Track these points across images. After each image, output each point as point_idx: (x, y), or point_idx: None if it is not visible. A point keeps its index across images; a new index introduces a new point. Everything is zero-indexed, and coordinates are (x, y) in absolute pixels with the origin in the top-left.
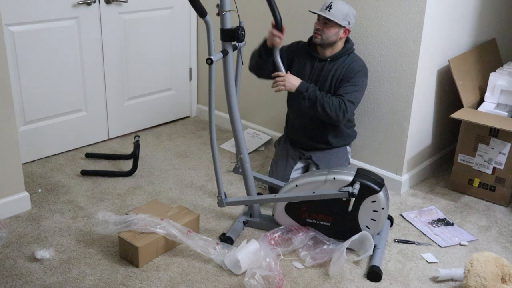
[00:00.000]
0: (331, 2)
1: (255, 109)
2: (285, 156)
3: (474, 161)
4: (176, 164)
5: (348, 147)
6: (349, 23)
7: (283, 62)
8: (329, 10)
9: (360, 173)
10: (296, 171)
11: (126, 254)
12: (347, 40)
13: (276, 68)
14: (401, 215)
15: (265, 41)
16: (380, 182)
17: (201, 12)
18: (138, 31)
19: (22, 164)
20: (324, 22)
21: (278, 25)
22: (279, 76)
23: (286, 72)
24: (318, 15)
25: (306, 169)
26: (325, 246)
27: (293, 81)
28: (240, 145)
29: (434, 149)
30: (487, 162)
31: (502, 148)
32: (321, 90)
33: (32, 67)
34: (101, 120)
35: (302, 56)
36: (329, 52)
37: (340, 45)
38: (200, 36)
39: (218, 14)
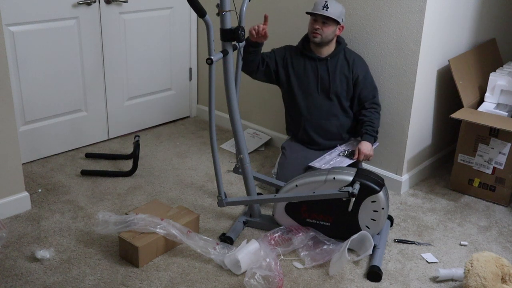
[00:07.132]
0: (326, 1)
1: (255, 109)
2: (300, 159)
3: (474, 161)
4: (176, 164)
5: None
6: (342, 20)
7: (274, 62)
8: (326, 10)
9: (360, 173)
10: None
11: (126, 254)
12: (338, 39)
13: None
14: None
15: (247, 38)
16: (380, 182)
17: (200, 12)
18: (138, 31)
19: (22, 164)
20: (323, 22)
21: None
22: (358, 160)
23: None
24: (316, 14)
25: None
26: (325, 247)
27: (369, 146)
28: (240, 145)
29: (434, 149)
30: (487, 162)
31: (502, 148)
32: (332, 86)
33: (32, 67)
34: (101, 120)
35: (298, 58)
36: (325, 51)
37: (334, 43)
38: (200, 36)
39: (218, 14)
